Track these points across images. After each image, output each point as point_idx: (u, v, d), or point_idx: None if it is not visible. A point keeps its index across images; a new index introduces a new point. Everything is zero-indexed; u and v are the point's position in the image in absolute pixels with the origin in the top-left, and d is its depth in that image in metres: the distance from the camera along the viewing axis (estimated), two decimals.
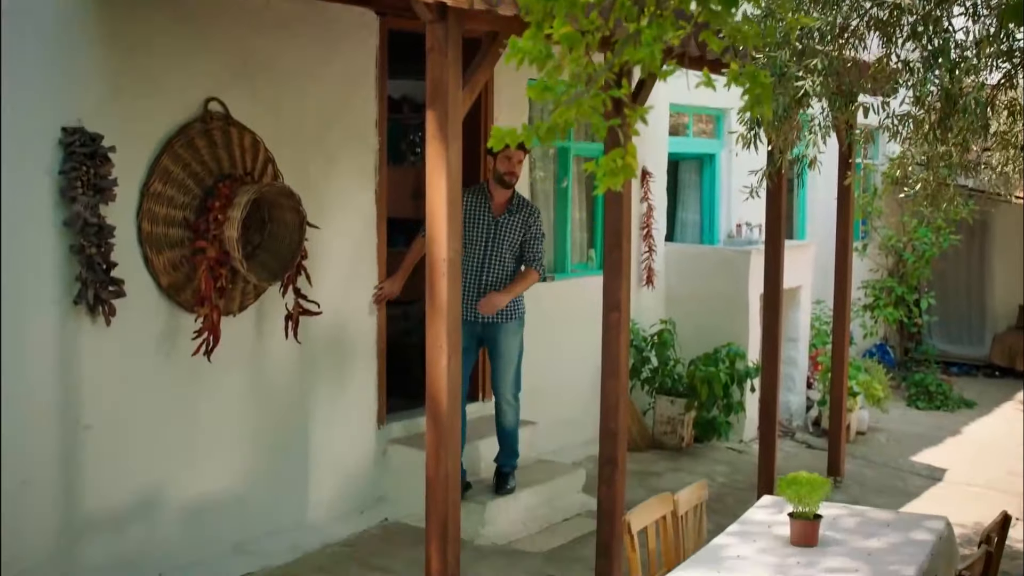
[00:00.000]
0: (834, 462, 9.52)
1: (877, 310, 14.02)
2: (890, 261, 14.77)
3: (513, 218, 7.67)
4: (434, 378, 5.05)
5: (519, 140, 2.65)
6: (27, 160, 5.82)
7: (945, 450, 11.11)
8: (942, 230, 13.69)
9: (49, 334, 5.97)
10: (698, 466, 9.79)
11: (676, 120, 11.69)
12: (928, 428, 12.12)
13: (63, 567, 6.08)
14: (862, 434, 11.50)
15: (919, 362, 14.80)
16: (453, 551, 5.08)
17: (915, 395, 13.55)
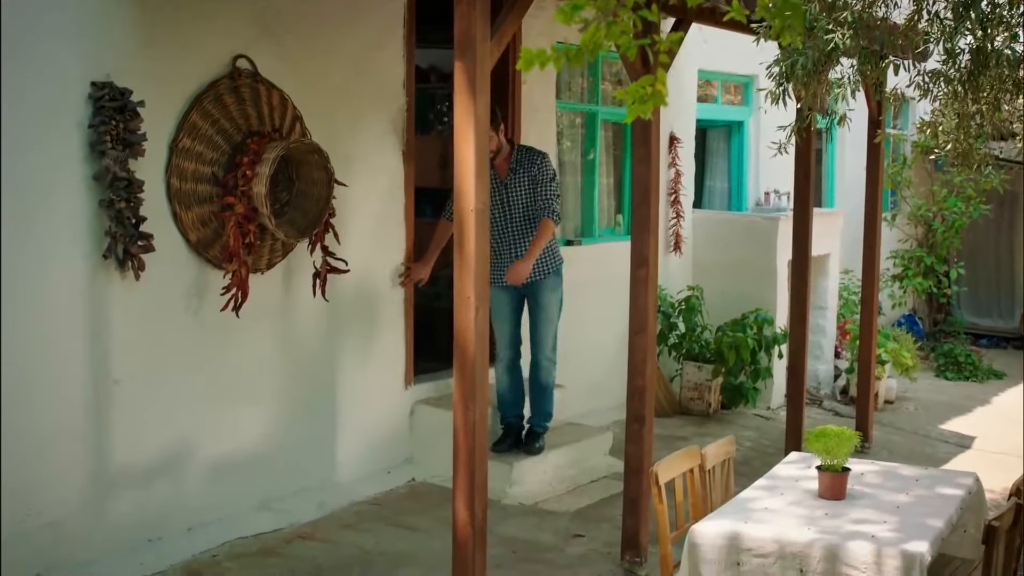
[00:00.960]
0: (862, 429, 9.44)
1: (906, 280, 13.96)
2: (919, 231, 14.69)
3: (518, 174, 7.61)
4: (461, 330, 5.04)
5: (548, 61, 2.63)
6: (57, 114, 5.84)
7: (974, 419, 11.05)
8: (972, 200, 13.61)
9: (79, 288, 6.00)
10: (725, 432, 9.72)
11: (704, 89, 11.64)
12: (957, 397, 12.05)
13: (91, 520, 6.13)
14: (890, 403, 11.45)
15: (948, 334, 14.72)
16: (480, 502, 5.08)
17: (944, 366, 13.47)
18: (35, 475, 5.85)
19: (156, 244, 6.15)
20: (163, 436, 6.45)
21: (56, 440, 5.95)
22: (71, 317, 5.98)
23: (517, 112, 8.83)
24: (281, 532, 6.70)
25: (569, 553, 6.65)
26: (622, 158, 10.36)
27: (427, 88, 10.65)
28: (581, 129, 9.97)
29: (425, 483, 7.76)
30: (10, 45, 5.62)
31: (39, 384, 5.86)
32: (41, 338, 5.85)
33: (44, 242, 5.82)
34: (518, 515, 7.25)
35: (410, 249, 7.95)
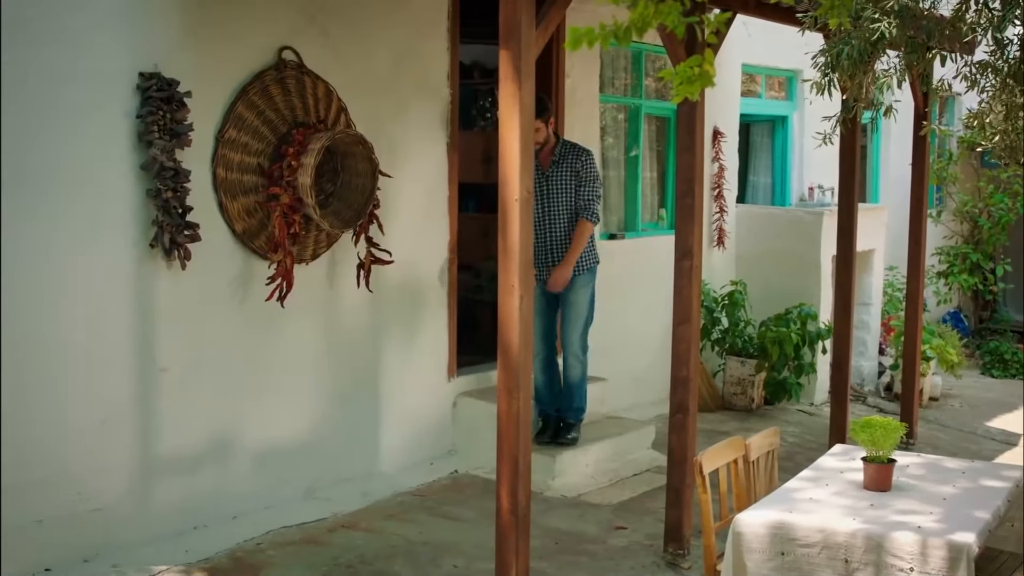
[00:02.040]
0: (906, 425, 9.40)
1: (951, 277, 13.85)
2: (965, 228, 14.56)
3: (561, 167, 7.59)
4: (505, 319, 5.05)
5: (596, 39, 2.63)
6: (106, 104, 5.90)
7: (1020, 416, 10.93)
8: (1019, 196, 13.48)
9: (126, 277, 6.05)
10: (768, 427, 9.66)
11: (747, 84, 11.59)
12: (1003, 395, 11.95)
13: (138, 506, 6.19)
14: (935, 400, 11.37)
15: (994, 331, 14.59)
16: (524, 491, 5.08)
17: (990, 363, 13.36)
18: (83, 461, 5.91)
19: (202, 234, 6.20)
20: (209, 424, 6.50)
21: (104, 427, 6.01)
22: (119, 305, 6.04)
23: (561, 105, 8.83)
24: (325, 521, 6.73)
25: (611, 545, 6.64)
26: (665, 152, 10.35)
27: (470, 84, 10.68)
28: (624, 123, 9.96)
29: (468, 474, 7.79)
30: (60, 35, 5.69)
31: (87, 371, 5.92)
32: (89, 326, 5.91)
33: (92, 231, 5.88)
34: (560, 507, 7.26)
35: (453, 241, 7.97)
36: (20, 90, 5.54)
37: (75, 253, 5.81)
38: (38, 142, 5.63)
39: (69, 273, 5.79)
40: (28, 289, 5.63)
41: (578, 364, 7.82)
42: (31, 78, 5.59)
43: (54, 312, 5.74)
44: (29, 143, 5.59)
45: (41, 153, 5.65)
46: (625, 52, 9.70)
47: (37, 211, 5.65)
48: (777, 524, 4.68)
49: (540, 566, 6.07)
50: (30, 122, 5.59)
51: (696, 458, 5.07)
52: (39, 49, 5.61)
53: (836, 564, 4.56)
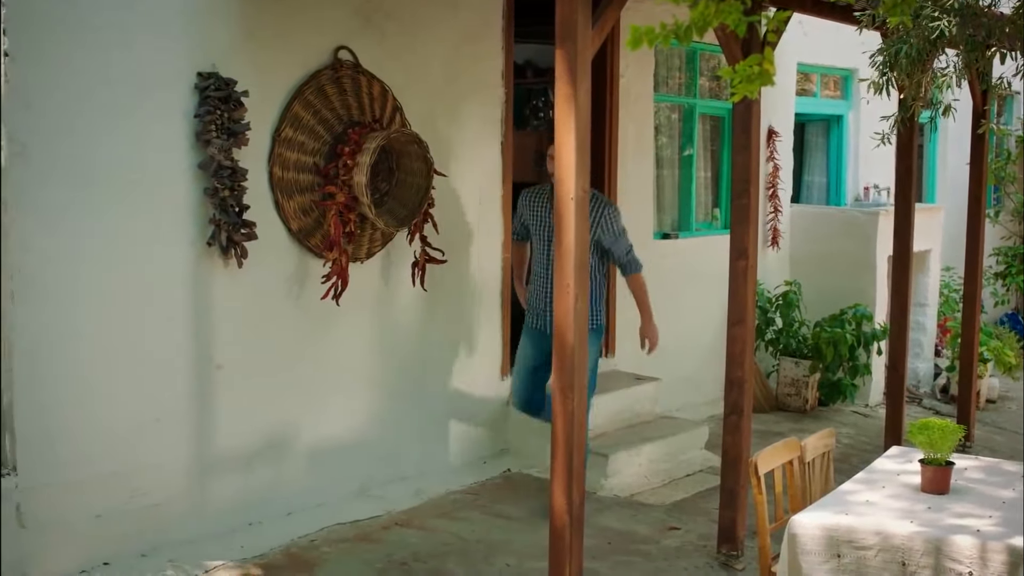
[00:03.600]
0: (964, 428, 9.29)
1: (1009, 278, 13.67)
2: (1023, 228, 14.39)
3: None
4: (561, 317, 5.04)
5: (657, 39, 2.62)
6: (165, 104, 5.97)
7: None
8: None
9: (183, 274, 6.12)
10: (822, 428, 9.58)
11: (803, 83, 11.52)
12: None
13: (194, 502, 6.25)
14: (992, 402, 11.23)
15: None
16: (578, 490, 5.08)
17: None
18: (140, 457, 5.98)
19: (258, 232, 6.25)
20: (264, 422, 6.55)
21: (160, 423, 6.07)
22: (176, 303, 6.10)
23: (615, 104, 8.82)
24: (379, 519, 6.75)
25: (665, 545, 6.62)
26: (719, 152, 10.30)
27: (523, 83, 10.68)
28: (679, 123, 9.92)
29: (520, 473, 7.79)
30: (122, 38, 5.76)
31: (145, 368, 5.98)
32: (147, 323, 5.98)
33: (151, 229, 5.94)
34: (614, 507, 7.25)
35: (507, 241, 7.97)
36: (84, 93, 5.61)
37: (134, 252, 5.88)
38: (101, 143, 5.70)
39: (128, 271, 5.86)
40: (89, 287, 5.70)
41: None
42: (95, 81, 5.66)
43: (114, 310, 5.82)
44: (92, 144, 5.66)
45: (104, 153, 5.72)
46: (679, 51, 9.67)
47: (100, 210, 5.72)
48: (833, 526, 4.64)
49: (593, 566, 6.07)
50: (93, 123, 5.67)
51: (751, 459, 5.04)
52: (103, 53, 5.69)
53: (893, 567, 4.51)
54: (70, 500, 5.67)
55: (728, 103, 9.82)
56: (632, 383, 8.66)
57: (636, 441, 8.01)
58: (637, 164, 9.18)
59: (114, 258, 5.79)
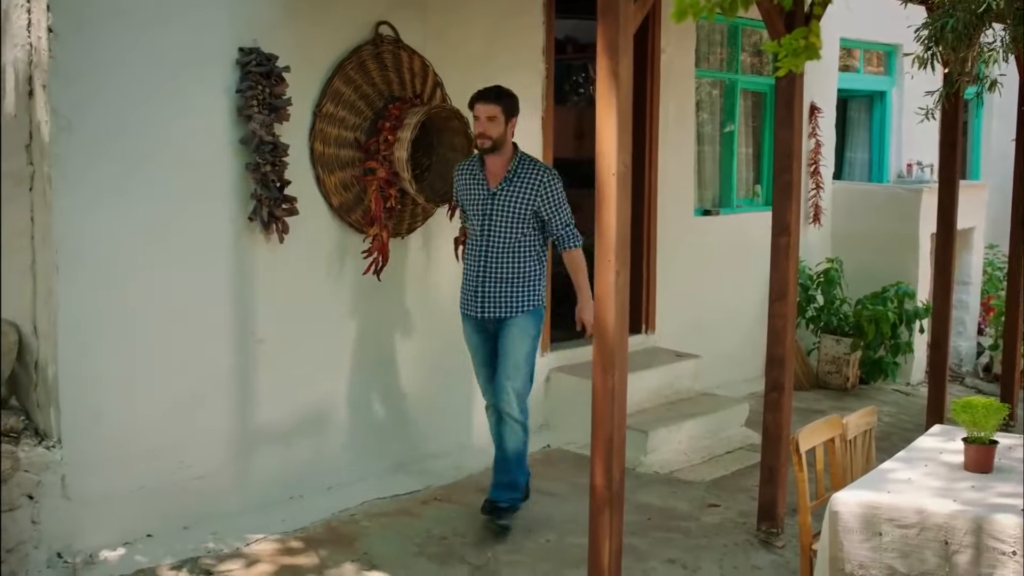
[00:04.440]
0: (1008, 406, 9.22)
1: None
2: None
3: (513, 188, 6.11)
4: (602, 294, 5.02)
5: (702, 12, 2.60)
6: (206, 79, 5.98)
7: None
8: None
9: (225, 249, 6.14)
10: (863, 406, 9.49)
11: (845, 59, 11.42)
12: None
13: (237, 475, 6.29)
14: None
15: None
16: (618, 466, 5.07)
17: None
18: (183, 430, 6.02)
19: (299, 207, 6.26)
20: (305, 396, 6.58)
21: (204, 397, 6.11)
22: (218, 277, 6.13)
23: (656, 80, 8.78)
24: (418, 494, 6.77)
25: (704, 522, 6.61)
26: (761, 128, 10.24)
27: (563, 58, 10.65)
28: (720, 99, 9.87)
29: (560, 449, 7.79)
30: (163, 12, 5.77)
31: (188, 342, 6.02)
32: (190, 298, 6.01)
33: (194, 205, 5.97)
34: (653, 483, 7.24)
35: None
36: (127, 68, 5.64)
37: (177, 226, 5.91)
38: (144, 118, 5.73)
39: (171, 246, 5.89)
40: (132, 262, 5.74)
41: (520, 427, 6.26)
42: (138, 56, 5.68)
43: (157, 284, 5.85)
44: (135, 119, 5.69)
45: (147, 129, 5.75)
46: (721, 26, 9.61)
47: (142, 185, 5.75)
48: (875, 504, 4.61)
49: (632, 542, 6.07)
50: (136, 99, 5.69)
51: (793, 436, 5.02)
52: (146, 28, 5.71)
53: (935, 546, 4.49)
54: (114, 473, 5.72)
55: (770, 79, 9.78)
56: (672, 360, 8.65)
57: (676, 418, 8.00)
58: (678, 140, 9.14)
59: (157, 233, 5.82)
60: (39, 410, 5.69)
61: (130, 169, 5.69)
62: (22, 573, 5.31)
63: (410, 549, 5.99)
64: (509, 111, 6.13)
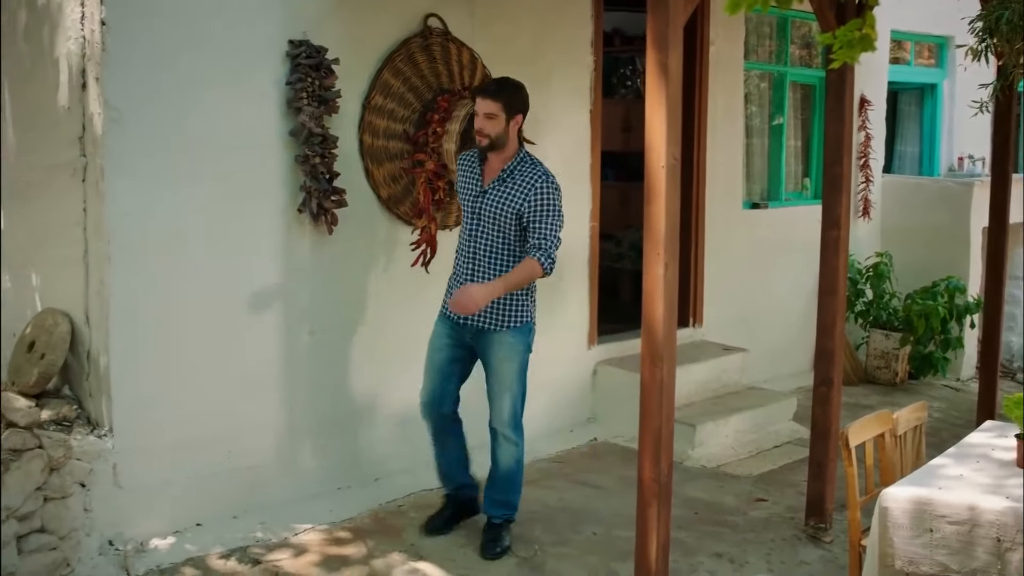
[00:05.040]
0: None
1: None
2: None
3: (504, 188, 5.66)
4: (650, 287, 5.01)
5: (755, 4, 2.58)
6: (257, 71, 6.01)
7: None
8: None
9: (275, 241, 6.17)
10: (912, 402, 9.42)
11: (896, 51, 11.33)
12: None
13: (284, 466, 6.32)
14: None
15: None
16: (666, 460, 5.05)
17: None
18: (233, 420, 6.06)
19: (348, 199, 6.28)
20: (353, 387, 6.60)
21: (254, 388, 6.15)
22: (267, 269, 6.17)
23: (705, 73, 8.74)
24: None
25: (752, 517, 6.59)
26: (810, 121, 10.18)
27: (611, 51, 10.63)
28: (768, 91, 9.81)
29: (607, 442, 7.79)
30: (214, 5, 5.80)
31: (238, 333, 6.06)
32: (239, 288, 6.05)
33: (243, 195, 6.00)
34: (700, 477, 7.22)
35: (596, 209, 7.95)
36: (178, 60, 5.68)
37: (227, 218, 5.94)
38: (194, 110, 5.76)
39: (221, 237, 5.93)
40: (183, 252, 5.78)
41: (514, 447, 5.97)
42: (189, 48, 5.71)
43: (207, 275, 5.89)
44: (186, 111, 5.73)
45: (197, 120, 5.78)
46: (770, 19, 9.56)
47: (193, 176, 5.79)
48: (925, 500, 4.58)
49: (680, 536, 6.06)
50: (187, 91, 5.72)
51: (843, 431, 4.99)
52: (197, 20, 5.74)
53: (987, 543, 4.45)
54: (164, 462, 5.77)
55: (819, 71, 9.72)
56: (719, 353, 8.62)
57: (723, 412, 7.98)
58: (726, 133, 9.10)
59: (207, 224, 5.86)
60: (91, 399, 5.75)
61: (181, 161, 5.73)
62: (74, 560, 5.36)
63: (456, 540, 6.01)
64: (510, 108, 5.63)
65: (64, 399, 5.83)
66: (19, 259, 6.29)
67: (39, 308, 6.05)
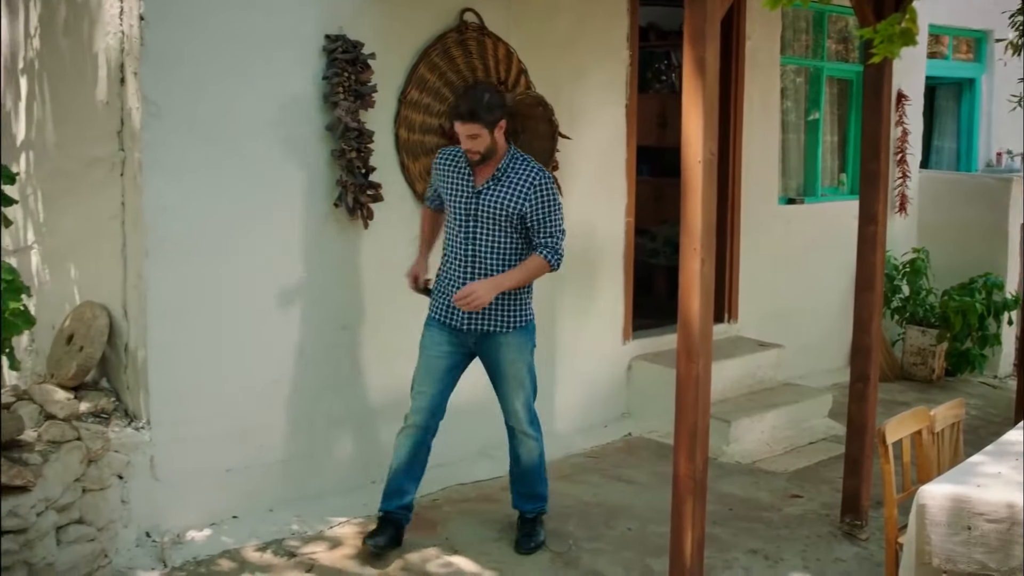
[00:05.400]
0: None
1: None
2: None
3: (500, 188, 5.49)
4: (687, 281, 4.99)
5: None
6: (293, 66, 6.03)
7: None
8: None
9: (310, 235, 6.19)
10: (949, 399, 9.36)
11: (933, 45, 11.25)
12: None
13: (318, 459, 6.36)
14: None
15: None
16: (702, 455, 5.04)
17: None
18: (268, 414, 6.09)
19: (384, 194, 6.30)
20: (387, 382, 6.61)
21: (287, 381, 6.18)
22: (302, 263, 6.19)
23: (741, 67, 8.71)
24: (499, 479, 6.77)
25: (787, 513, 6.56)
26: (846, 116, 10.12)
27: (646, 46, 10.60)
28: (804, 86, 9.76)
29: (641, 438, 7.78)
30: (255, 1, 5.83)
31: (273, 327, 6.09)
32: (274, 282, 6.07)
33: (279, 189, 6.03)
34: (735, 473, 7.20)
35: (631, 204, 7.94)
36: (215, 55, 5.72)
37: (263, 212, 5.97)
38: (231, 104, 5.80)
39: (257, 231, 5.96)
40: (219, 246, 5.82)
41: (533, 442, 5.95)
42: (226, 43, 5.75)
43: (242, 268, 5.92)
44: (223, 105, 5.77)
45: (234, 115, 5.82)
46: (806, 13, 9.51)
47: (230, 171, 5.82)
48: (963, 498, 4.54)
49: (714, 532, 6.04)
50: (224, 85, 5.76)
51: (880, 427, 4.96)
52: (234, 14, 5.79)
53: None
54: (201, 454, 5.81)
55: (856, 66, 9.67)
56: (755, 349, 8.59)
57: (758, 408, 7.95)
58: (762, 128, 9.06)
59: (244, 218, 5.89)
60: (129, 392, 5.78)
61: (218, 155, 5.76)
62: (112, 551, 5.40)
63: (491, 535, 6.02)
64: (490, 122, 5.42)
65: (102, 391, 5.87)
66: (58, 252, 6.34)
67: (78, 301, 6.10)
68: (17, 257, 6.59)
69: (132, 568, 5.40)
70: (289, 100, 6.01)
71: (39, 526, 4.80)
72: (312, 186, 6.14)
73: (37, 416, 5.47)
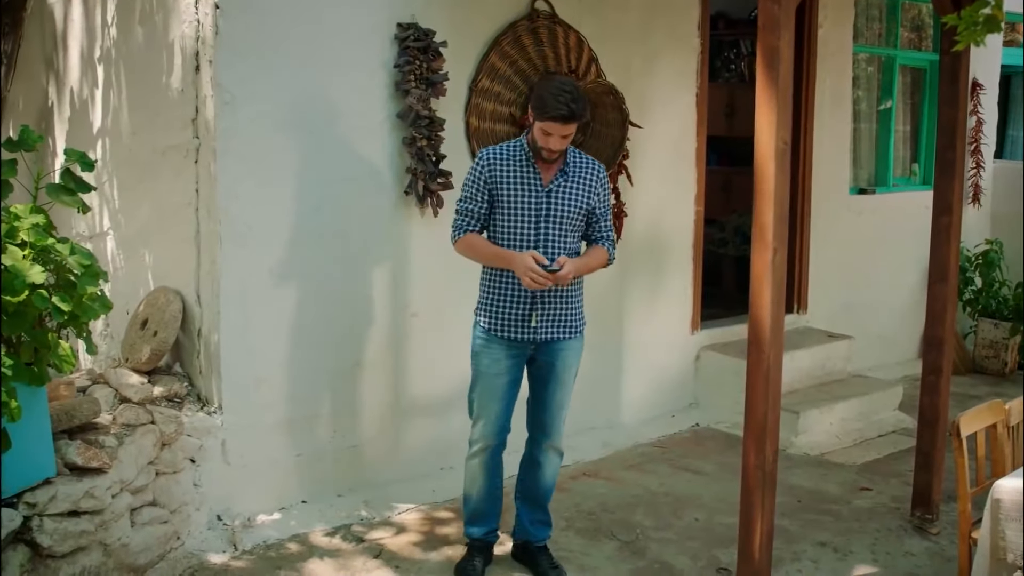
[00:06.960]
0: None
1: None
2: None
3: (571, 182, 5.10)
4: (758, 272, 4.96)
5: None
6: (366, 54, 6.06)
7: None
8: None
9: (381, 223, 6.23)
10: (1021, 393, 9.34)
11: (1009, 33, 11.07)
12: None
13: (388, 446, 6.39)
14: None
15: None
16: (772, 447, 5.01)
17: None
18: (339, 400, 6.14)
19: (454, 182, 6.31)
20: (456, 369, 6.60)
21: (359, 368, 6.22)
22: (373, 250, 6.22)
23: (813, 56, 8.63)
24: (567, 469, 6.77)
25: (856, 506, 6.50)
26: (919, 105, 9.99)
27: (715, 35, 10.54)
28: (877, 75, 9.65)
29: (709, 428, 7.75)
30: None
31: (344, 314, 6.13)
32: (346, 269, 6.11)
33: (350, 177, 6.06)
34: (803, 465, 7.15)
35: (701, 194, 7.89)
36: (288, 43, 5.76)
37: (336, 199, 6.01)
38: (304, 92, 5.84)
39: (329, 219, 5.99)
40: (293, 233, 5.86)
41: (559, 459, 5.59)
42: (298, 31, 5.78)
43: (315, 256, 5.96)
44: (295, 93, 5.80)
45: (306, 103, 5.85)
46: (879, 1, 9.40)
47: (302, 158, 5.86)
48: None
49: (783, 524, 6.01)
50: (296, 73, 5.80)
51: (954, 420, 4.90)
52: (309, 6, 5.82)
53: None
54: (271, 439, 5.87)
55: (929, 54, 9.55)
56: (824, 340, 8.52)
57: (827, 399, 7.89)
58: (834, 117, 8.98)
59: (316, 205, 5.92)
60: (201, 377, 5.85)
61: (291, 143, 5.80)
62: (184, 533, 5.47)
63: (559, 524, 6.01)
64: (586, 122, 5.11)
65: (175, 376, 5.94)
66: (133, 238, 6.42)
67: (152, 286, 6.18)
68: (93, 243, 6.69)
69: (203, 551, 5.47)
70: (361, 88, 6.04)
71: (114, 507, 4.86)
72: (383, 174, 6.17)
73: (112, 399, 5.56)
